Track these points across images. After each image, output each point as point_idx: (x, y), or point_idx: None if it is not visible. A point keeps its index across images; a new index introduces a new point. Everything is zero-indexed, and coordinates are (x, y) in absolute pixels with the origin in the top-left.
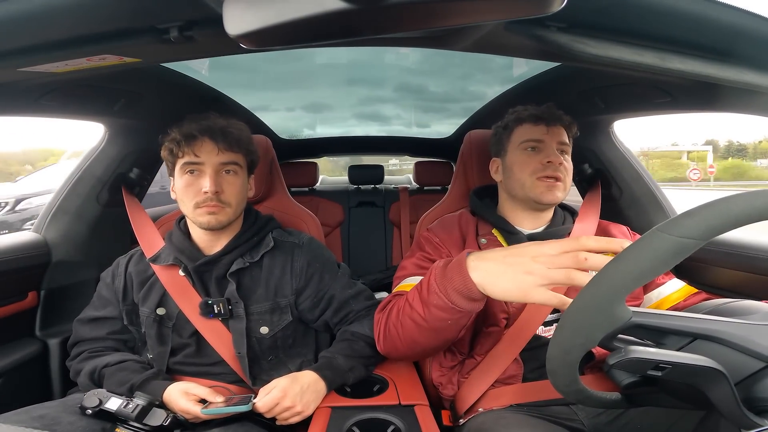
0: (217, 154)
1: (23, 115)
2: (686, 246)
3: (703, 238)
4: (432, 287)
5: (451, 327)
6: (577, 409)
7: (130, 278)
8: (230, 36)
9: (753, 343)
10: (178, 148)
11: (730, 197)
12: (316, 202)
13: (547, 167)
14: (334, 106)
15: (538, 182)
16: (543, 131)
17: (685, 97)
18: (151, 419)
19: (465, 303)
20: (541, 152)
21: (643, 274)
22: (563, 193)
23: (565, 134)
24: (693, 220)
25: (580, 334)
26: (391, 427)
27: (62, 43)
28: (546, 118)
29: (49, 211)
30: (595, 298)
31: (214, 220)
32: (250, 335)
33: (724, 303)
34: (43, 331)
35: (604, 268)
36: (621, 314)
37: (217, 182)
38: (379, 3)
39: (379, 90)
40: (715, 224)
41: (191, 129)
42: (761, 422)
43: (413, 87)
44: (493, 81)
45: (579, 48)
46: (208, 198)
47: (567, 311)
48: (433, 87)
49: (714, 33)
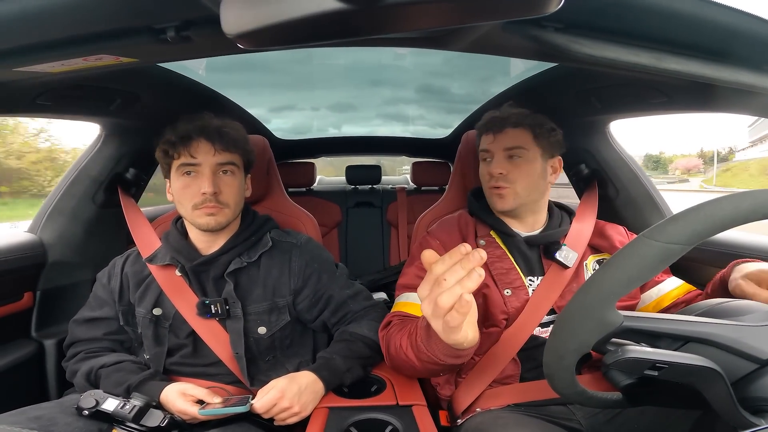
0: (213, 155)
1: (19, 115)
2: (672, 251)
3: (688, 243)
4: (421, 349)
5: (443, 370)
6: (575, 409)
7: (126, 279)
8: (227, 36)
9: (745, 345)
10: (174, 150)
11: (716, 200)
12: (314, 202)
13: (491, 179)
14: (359, 106)
15: (490, 192)
16: (490, 140)
17: (681, 97)
18: (148, 420)
19: (453, 360)
20: (491, 163)
21: (630, 281)
22: (516, 199)
23: (516, 137)
24: (678, 225)
25: (573, 340)
26: (388, 427)
27: (58, 43)
28: (491, 127)
29: (45, 211)
30: (585, 304)
31: (214, 221)
32: (248, 335)
33: (721, 302)
34: (39, 332)
35: (593, 275)
36: (612, 319)
37: (215, 183)
38: (376, 3)
39: (401, 91)
40: (700, 229)
41: (187, 129)
42: (757, 422)
43: (435, 88)
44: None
45: (576, 48)
46: (206, 199)
47: (559, 318)
48: (455, 89)
49: (710, 33)
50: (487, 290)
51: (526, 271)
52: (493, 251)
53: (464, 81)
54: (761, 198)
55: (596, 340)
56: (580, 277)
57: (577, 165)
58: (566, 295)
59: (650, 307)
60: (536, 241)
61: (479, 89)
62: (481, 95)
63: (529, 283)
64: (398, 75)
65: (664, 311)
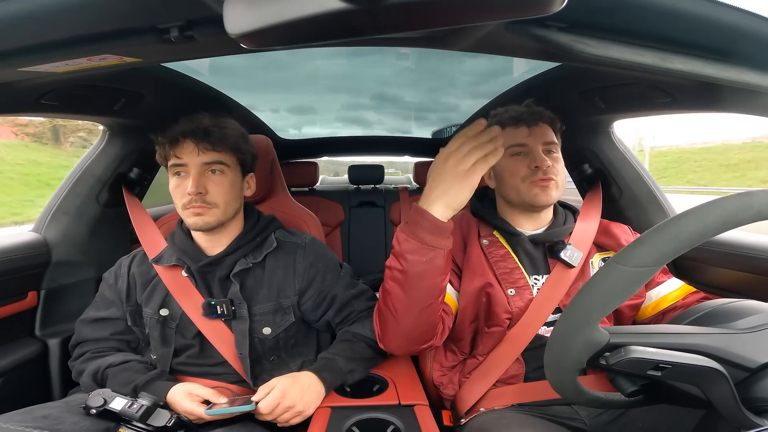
0: (198, 155)
1: (24, 114)
2: (642, 274)
3: (656, 264)
4: (401, 238)
5: (430, 271)
6: (579, 409)
7: (134, 279)
8: (231, 36)
9: (732, 354)
10: (164, 151)
11: (681, 217)
12: (317, 202)
13: (537, 172)
14: (319, 109)
15: (531, 185)
16: (525, 134)
17: (685, 97)
18: (155, 420)
19: (434, 239)
20: (527, 156)
21: (606, 305)
22: (557, 191)
23: (549, 132)
24: (644, 249)
25: (565, 360)
26: (390, 427)
27: (62, 43)
28: (526, 120)
29: (49, 210)
30: (568, 329)
31: (201, 221)
32: (253, 336)
33: (725, 303)
34: (43, 331)
35: (573, 300)
36: (598, 338)
37: (200, 183)
38: (379, 3)
39: (359, 98)
40: (666, 250)
41: (174, 132)
42: (761, 422)
43: (389, 96)
44: (463, 94)
45: (579, 48)
46: (192, 199)
47: (549, 341)
48: (407, 98)
49: (715, 33)
50: (490, 289)
51: (531, 270)
52: (497, 251)
53: (416, 91)
54: (730, 208)
55: (587, 358)
56: (585, 276)
57: (580, 165)
58: (572, 294)
59: (649, 309)
60: (541, 240)
61: (429, 98)
62: (432, 103)
63: (533, 283)
64: (355, 83)
65: (663, 313)
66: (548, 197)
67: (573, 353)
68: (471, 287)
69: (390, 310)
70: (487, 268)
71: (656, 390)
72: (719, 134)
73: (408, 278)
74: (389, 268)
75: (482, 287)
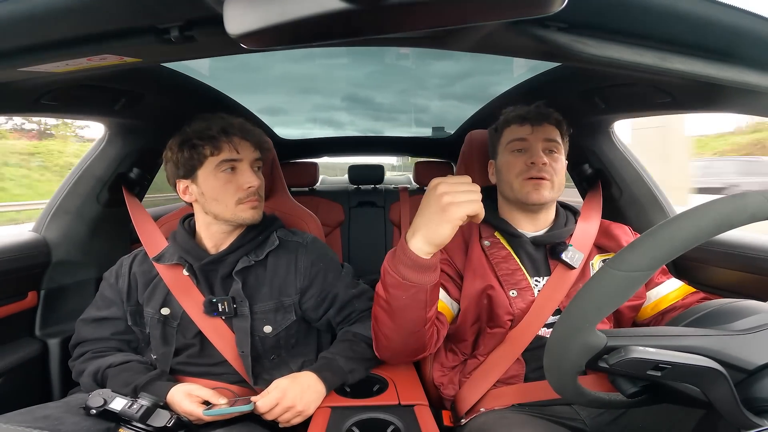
0: (253, 151)
1: (24, 114)
2: (636, 278)
3: (650, 268)
4: (385, 270)
5: (412, 305)
6: (579, 409)
7: (135, 278)
8: (231, 36)
9: (728, 356)
10: (213, 145)
11: (675, 220)
12: (317, 201)
13: (532, 168)
14: (290, 110)
15: (524, 183)
16: (528, 131)
17: (685, 97)
18: (155, 420)
19: (415, 275)
20: (526, 153)
21: (601, 309)
22: (551, 192)
23: (553, 132)
24: (636, 253)
25: (564, 364)
26: (390, 427)
27: (62, 43)
28: (531, 118)
29: (49, 210)
30: (565, 333)
31: (257, 214)
32: (254, 334)
33: (724, 303)
34: (43, 331)
35: (569, 305)
36: (595, 342)
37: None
38: (379, 3)
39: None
40: (659, 254)
41: (225, 126)
42: (761, 422)
43: (360, 98)
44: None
45: (579, 48)
46: (251, 193)
47: (547, 346)
48: (378, 99)
49: (715, 33)
50: (492, 291)
51: (532, 271)
52: (498, 252)
53: (386, 92)
54: (724, 210)
55: (585, 361)
56: (586, 277)
57: (580, 165)
58: (572, 295)
59: (649, 309)
60: (542, 241)
61: (399, 99)
62: (404, 105)
63: (535, 284)
64: (326, 84)
65: (663, 314)
66: (540, 196)
67: (571, 357)
68: (472, 289)
69: (380, 331)
70: (489, 269)
71: (656, 390)
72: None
73: (392, 309)
74: (377, 295)
75: (483, 289)
